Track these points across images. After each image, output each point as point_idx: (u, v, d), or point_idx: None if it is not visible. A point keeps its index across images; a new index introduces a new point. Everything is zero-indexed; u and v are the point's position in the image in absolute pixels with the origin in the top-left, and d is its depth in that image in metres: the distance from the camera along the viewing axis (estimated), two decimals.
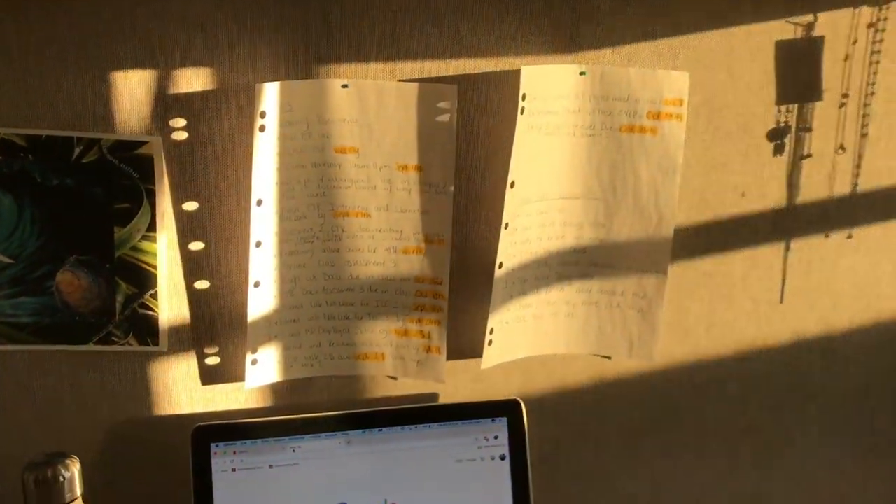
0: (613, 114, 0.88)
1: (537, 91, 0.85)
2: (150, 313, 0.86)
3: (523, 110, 0.85)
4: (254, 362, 0.87)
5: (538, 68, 0.85)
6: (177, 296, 0.87)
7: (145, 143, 0.83)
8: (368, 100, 0.84)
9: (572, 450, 0.99)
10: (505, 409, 0.91)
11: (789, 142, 0.95)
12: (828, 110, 0.95)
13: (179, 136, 0.84)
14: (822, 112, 0.94)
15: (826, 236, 0.98)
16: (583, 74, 0.86)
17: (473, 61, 0.87)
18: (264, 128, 0.82)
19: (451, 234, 0.87)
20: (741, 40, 0.91)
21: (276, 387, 0.91)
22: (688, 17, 0.89)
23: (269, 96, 0.82)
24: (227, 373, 0.90)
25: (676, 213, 0.90)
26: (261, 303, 0.86)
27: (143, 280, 0.86)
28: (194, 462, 0.86)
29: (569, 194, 0.90)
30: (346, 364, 0.91)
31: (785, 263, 0.98)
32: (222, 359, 0.90)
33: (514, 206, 0.87)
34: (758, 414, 1.02)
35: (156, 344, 0.87)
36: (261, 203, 0.84)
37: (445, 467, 0.90)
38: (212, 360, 0.90)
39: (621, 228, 0.91)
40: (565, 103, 0.87)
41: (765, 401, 1.02)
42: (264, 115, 0.82)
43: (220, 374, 0.90)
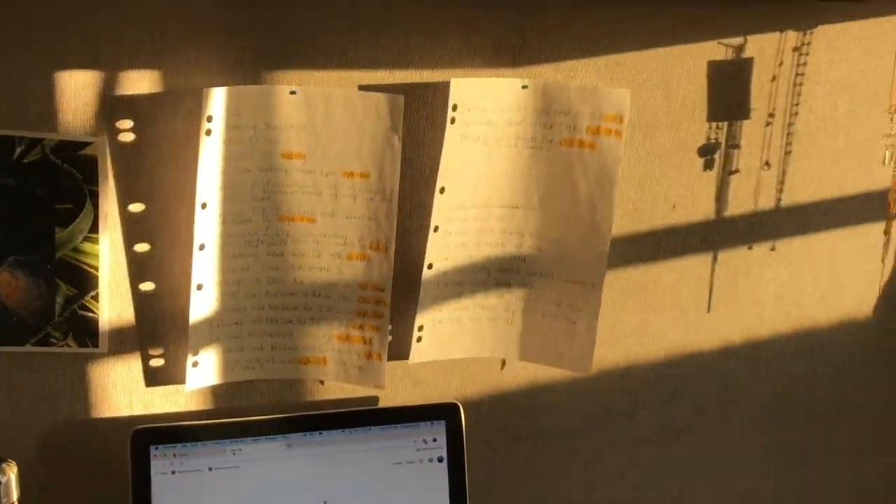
0: (554, 127, 0.89)
1: (471, 102, 0.87)
2: (90, 315, 0.86)
3: (454, 120, 0.87)
4: (195, 364, 0.87)
5: (471, 80, 0.87)
6: (118, 297, 0.87)
7: (90, 143, 0.82)
8: (316, 107, 0.85)
9: (508, 452, 1.01)
10: (443, 412, 0.93)
11: (719, 157, 0.98)
12: (755, 128, 0.99)
13: (126, 137, 0.83)
14: (750, 130, 0.98)
15: (750, 248, 1.02)
16: (525, 88, 0.88)
17: (421, 72, 0.88)
18: (211, 132, 0.83)
19: (396, 241, 0.89)
20: (677, 59, 0.94)
21: (217, 389, 0.91)
22: (628, 35, 0.92)
23: (217, 101, 0.82)
24: (171, 375, 0.89)
25: (612, 227, 0.91)
26: (203, 305, 0.86)
27: (84, 281, 0.85)
28: (133, 465, 0.85)
29: (508, 203, 0.92)
30: (288, 368, 0.91)
31: (712, 274, 1.02)
32: (166, 361, 0.89)
33: (446, 210, 0.89)
34: (686, 417, 1.05)
35: (95, 346, 0.86)
36: (205, 206, 0.84)
37: (384, 469, 0.91)
38: (156, 362, 0.89)
39: (560, 239, 0.92)
40: (507, 115, 0.89)
41: (692, 405, 1.05)
42: (211, 119, 0.82)
43: (164, 376, 0.90)
